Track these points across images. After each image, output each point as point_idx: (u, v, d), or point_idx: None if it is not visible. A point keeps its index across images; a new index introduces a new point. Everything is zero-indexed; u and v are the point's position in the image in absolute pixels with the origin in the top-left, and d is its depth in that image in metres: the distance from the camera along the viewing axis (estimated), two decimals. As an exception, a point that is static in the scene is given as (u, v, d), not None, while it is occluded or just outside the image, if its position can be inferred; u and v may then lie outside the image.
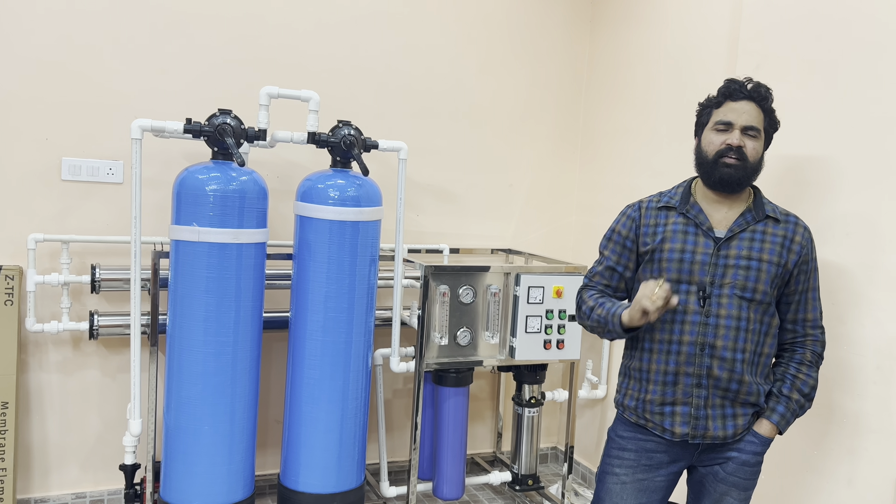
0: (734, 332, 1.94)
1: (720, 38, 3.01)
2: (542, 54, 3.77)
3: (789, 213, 2.06)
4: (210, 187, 2.55)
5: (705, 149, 2.00)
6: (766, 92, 1.99)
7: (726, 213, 2.01)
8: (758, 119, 1.98)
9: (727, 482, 2.02)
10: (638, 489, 2.05)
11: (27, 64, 2.88)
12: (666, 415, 1.99)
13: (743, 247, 1.97)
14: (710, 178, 1.99)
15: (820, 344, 2.06)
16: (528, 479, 3.40)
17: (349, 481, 2.87)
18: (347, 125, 2.85)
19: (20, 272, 2.87)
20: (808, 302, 2.04)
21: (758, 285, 1.95)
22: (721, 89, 2.00)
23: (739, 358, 1.95)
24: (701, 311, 1.95)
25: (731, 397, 1.97)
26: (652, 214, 2.06)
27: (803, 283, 2.03)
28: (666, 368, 1.98)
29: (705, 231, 1.98)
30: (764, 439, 2.01)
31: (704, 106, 2.05)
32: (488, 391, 3.87)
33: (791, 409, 2.01)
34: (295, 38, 3.26)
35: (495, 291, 3.07)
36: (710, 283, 1.95)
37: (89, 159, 3.00)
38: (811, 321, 2.05)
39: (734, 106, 1.97)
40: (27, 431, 3.01)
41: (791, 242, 2.00)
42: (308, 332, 2.78)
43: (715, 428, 1.97)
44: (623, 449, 2.07)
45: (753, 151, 1.97)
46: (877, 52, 2.27)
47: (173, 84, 3.09)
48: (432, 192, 3.61)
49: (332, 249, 2.75)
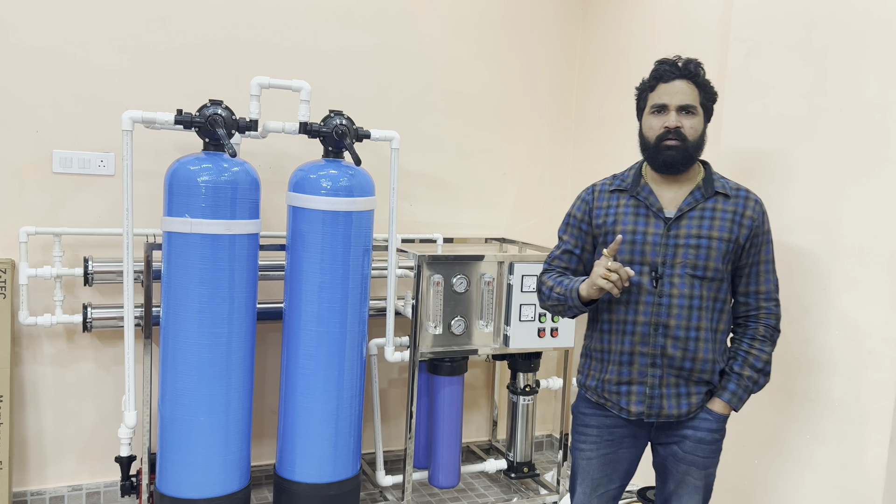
0: (687, 310, 1.97)
1: (713, 24, 3.01)
2: (535, 42, 3.76)
3: (740, 186, 2.08)
4: (202, 178, 2.54)
5: (646, 133, 2.04)
6: (695, 67, 2.01)
7: (676, 192, 2.04)
8: (692, 96, 2.00)
9: (686, 461, 2.06)
10: (603, 462, 2.11)
11: (16, 56, 2.87)
12: (622, 394, 2.03)
13: (692, 225, 1.99)
14: (655, 161, 2.02)
15: (774, 317, 2.07)
16: (523, 466, 3.42)
17: (345, 471, 2.88)
18: (339, 115, 2.84)
19: (12, 265, 2.86)
20: (761, 274, 2.06)
21: (709, 263, 1.98)
22: (653, 72, 2.04)
23: (693, 336, 1.98)
24: (654, 292, 1.98)
25: (686, 376, 2.01)
26: (605, 197, 2.10)
27: (754, 256, 2.05)
28: (622, 349, 2.03)
29: (655, 212, 2.02)
30: (718, 416, 2.04)
31: (641, 90, 2.08)
32: (483, 380, 3.88)
33: (743, 385, 2.04)
34: (286, 28, 3.25)
35: (489, 280, 3.07)
36: (661, 263, 1.98)
37: (80, 151, 2.99)
38: (764, 293, 2.06)
39: (667, 87, 2.00)
40: (22, 424, 3.01)
41: (742, 217, 2.02)
42: (302, 323, 2.78)
43: (669, 406, 2.01)
44: (587, 426, 2.13)
45: (692, 130, 1.99)
46: (865, 39, 2.27)
47: (164, 75, 3.08)
48: (425, 181, 3.60)
49: (326, 240, 2.74)
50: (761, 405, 2.60)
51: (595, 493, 2.12)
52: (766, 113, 2.59)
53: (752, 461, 2.64)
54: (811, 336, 2.43)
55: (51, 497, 3.06)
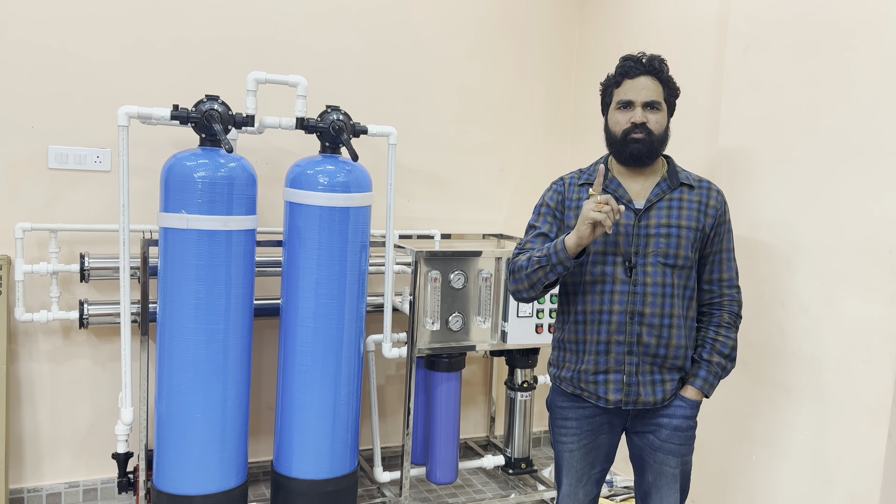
0: (661, 298, 2.02)
1: (710, 18, 3.00)
2: (532, 37, 3.75)
3: (702, 178, 2.15)
4: (198, 174, 2.53)
5: (612, 128, 2.08)
6: (659, 64, 2.05)
7: (643, 184, 2.09)
8: (657, 92, 2.05)
9: (663, 450, 2.09)
10: (585, 452, 2.14)
11: (11, 52, 2.85)
12: (600, 383, 2.06)
13: (662, 216, 2.04)
14: (621, 155, 2.06)
15: (736, 304, 2.14)
16: (521, 462, 3.42)
17: (342, 467, 2.88)
18: (336, 110, 2.83)
19: (8, 261, 2.85)
20: (723, 262, 2.13)
21: (679, 251, 2.03)
22: (618, 68, 2.07)
23: (667, 323, 2.03)
24: (628, 281, 2.02)
25: (660, 363, 2.05)
26: (575, 190, 2.12)
27: (717, 245, 2.11)
28: (598, 338, 2.05)
29: (625, 203, 2.06)
30: (692, 402, 2.09)
31: (606, 86, 2.12)
32: (481, 376, 3.87)
33: (713, 371, 2.10)
34: (282, 24, 3.24)
35: (487, 276, 3.07)
36: (634, 252, 2.03)
37: (76, 147, 2.97)
38: (727, 281, 2.13)
39: (632, 83, 2.04)
40: (18, 421, 3.00)
41: (706, 206, 2.08)
42: (299, 319, 2.78)
43: (646, 394, 2.05)
44: (566, 419, 2.15)
45: (657, 125, 2.04)
46: (864, 34, 2.27)
47: (160, 70, 3.06)
48: (423, 177, 3.60)
49: (323, 236, 2.74)
50: (759, 400, 2.60)
51: (580, 484, 2.16)
52: (765, 108, 2.59)
53: (749, 457, 2.64)
54: (809, 331, 2.43)
55: (48, 494, 3.06)
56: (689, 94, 3.05)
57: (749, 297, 2.60)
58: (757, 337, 2.61)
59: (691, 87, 3.05)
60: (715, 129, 2.95)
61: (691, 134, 3.07)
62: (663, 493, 2.11)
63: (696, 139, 3.06)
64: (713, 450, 2.79)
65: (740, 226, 2.66)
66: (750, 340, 2.62)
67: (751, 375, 2.63)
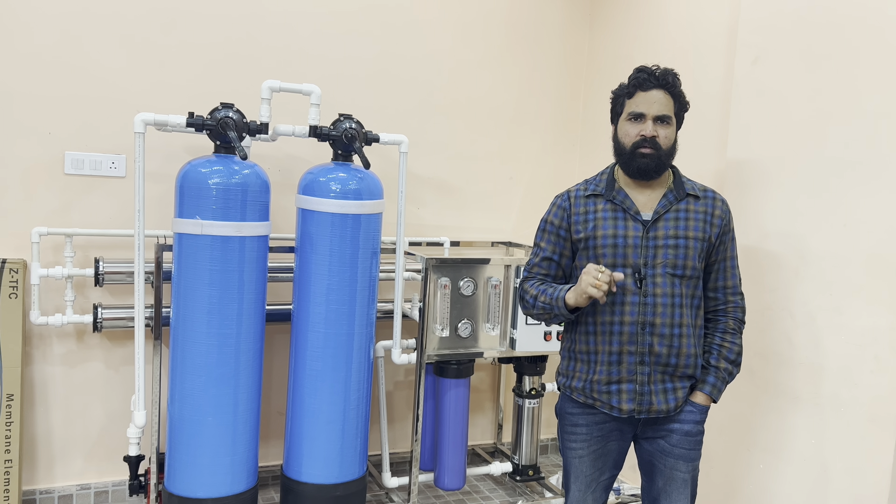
0: (670, 308, 2.04)
1: (720, 29, 3.03)
2: (542, 46, 3.78)
3: (707, 188, 2.17)
4: (213, 181, 2.57)
5: (622, 139, 2.10)
6: (673, 78, 2.07)
7: (649, 195, 2.11)
8: (668, 106, 2.07)
9: (674, 455, 2.11)
10: (594, 458, 2.17)
11: (29, 59, 2.90)
12: (612, 393, 2.08)
13: (669, 227, 2.07)
14: (629, 167, 2.09)
15: (741, 310, 2.18)
16: (528, 469, 3.43)
17: (351, 472, 2.90)
18: (349, 119, 2.86)
19: (24, 266, 2.89)
20: (728, 270, 2.16)
21: (687, 262, 2.06)
22: (631, 79, 2.09)
23: (677, 333, 2.05)
24: (638, 292, 2.05)
25: (671, 372, 2.07)
26: (581, 203, 2.15)
27: (722, 253, 2.14)
28: (610, 349, 2.07)
29: (633, 215, 2.08)
30: (701, 408, 2.12)
31: (617, 95, 2.14)
32: (489, 383, 3.89)
33: (720, 377, 2.13)
34: (296, 33, 3.27)
35: (496, 283, 3.09)
36: (643, 264, 2.05)
37: (92, 153, 3.02)
38: (731, 288, 2.16)
39: (645, 96, 2.06)
40: (32, 423, 3.04)
41: (712, 217, 2.11)
42: (310, 325, 2.80)
43: (658, 402, 2.07)
44: (575, 425, 2.17)
45: (666, 139, 2.07)
46: (872, 46, 2.28)
47: (175, 78, 3.10)
48: (433, 185, 3.62)
49: (334, 242, 2.76)
50: (766, 409, 2.61)
51: (589, 490, 2.18)
52: (773, 118, 2.61)
53: (757, 465, 2.64)
54: (817, 341, 2.44)
55: (59, 496, 3.08)
56: (698, 105, 3.07)
57: (757, 306, 2.61)
58: (765, 346, 2.62)
59: (700, 97, 3.07)
60: (724, 140, 2.97)
61: (700, 144, 3.09)
62: (673, 498, 2.13)
63: (705, 150, 3.08)
64: (720, 457, 2.79)
65: (749, 236, 2.68)
66: (758, 349, 2.63)
67: (758, 384, 2.64)
